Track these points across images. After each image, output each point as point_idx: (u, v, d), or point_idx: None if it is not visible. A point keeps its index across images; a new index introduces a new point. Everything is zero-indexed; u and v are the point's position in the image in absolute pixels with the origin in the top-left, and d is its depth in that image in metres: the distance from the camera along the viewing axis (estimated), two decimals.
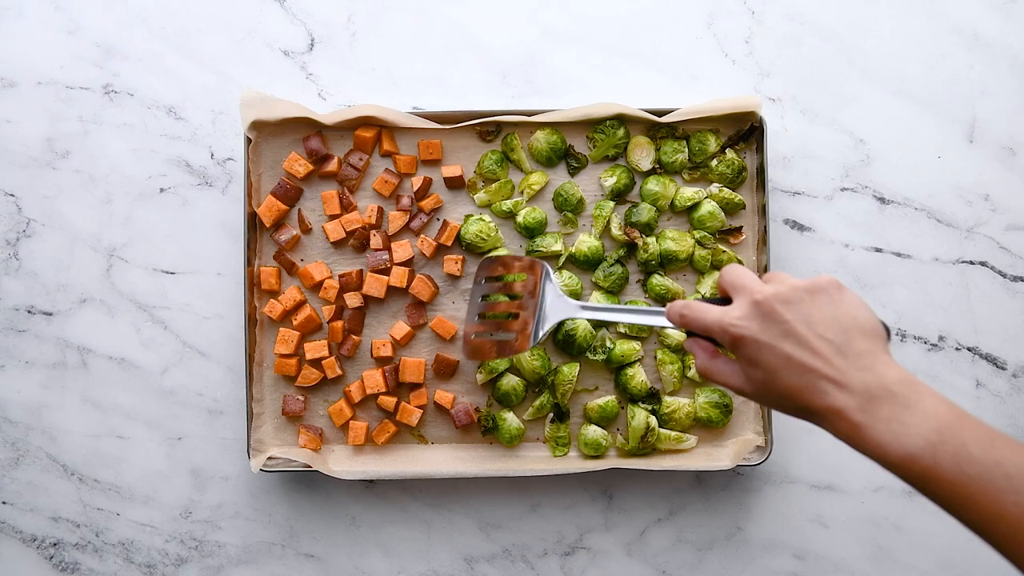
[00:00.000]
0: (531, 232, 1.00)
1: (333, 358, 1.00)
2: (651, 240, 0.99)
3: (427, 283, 0.99)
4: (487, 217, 1.00)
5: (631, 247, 1.01)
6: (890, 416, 0.57)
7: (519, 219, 1.00)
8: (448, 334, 1.00)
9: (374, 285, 0.99)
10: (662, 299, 1.00)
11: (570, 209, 1.00)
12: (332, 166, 1.00)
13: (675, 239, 1.00)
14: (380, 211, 1.00)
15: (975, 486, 0.54)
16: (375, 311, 1.01)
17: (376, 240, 0.99)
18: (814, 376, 0.59)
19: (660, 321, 0.73)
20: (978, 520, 0.54)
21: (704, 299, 0.68)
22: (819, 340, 0.60)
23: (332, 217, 1.00)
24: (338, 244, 1.01)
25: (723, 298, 0.68)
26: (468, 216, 1.01)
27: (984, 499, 0.53)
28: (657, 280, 1.00)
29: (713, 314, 0.65)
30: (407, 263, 1.00)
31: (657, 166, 1.01)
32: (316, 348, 0.99)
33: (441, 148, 1.01)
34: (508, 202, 1.00)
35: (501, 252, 0.99)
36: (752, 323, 0.62)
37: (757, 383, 0.63)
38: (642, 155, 1.01)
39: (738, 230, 1.01)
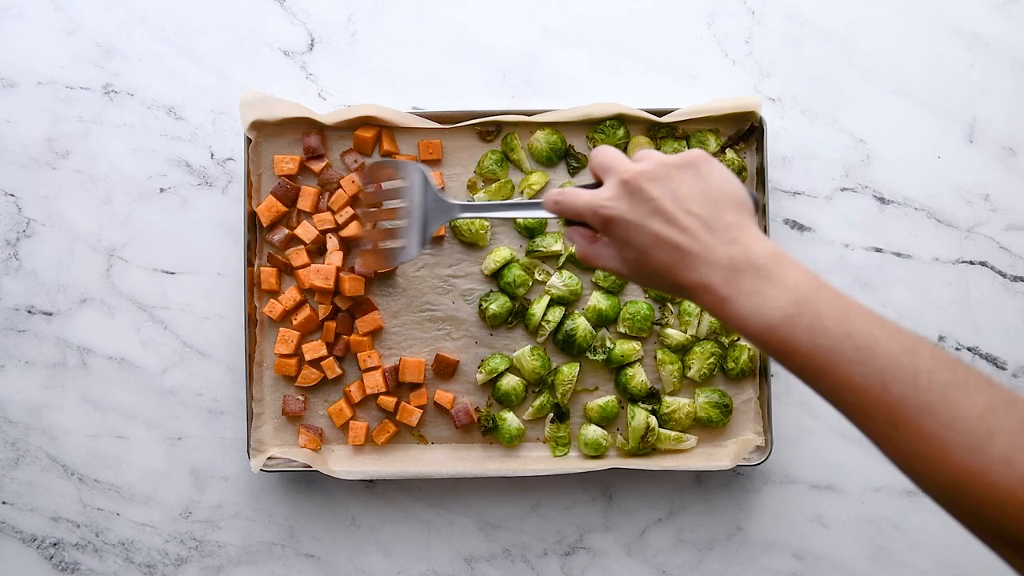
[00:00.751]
0: (531, 232, 1.00)
1: (332, 358, 1.00)
2: None
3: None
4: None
5: None
6: (752, 289, 0.58)
7: (519, 220, 1.00)
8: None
9: (349, 286, 0.99)
10: (662, 298, 1.01)
11: (589, 185, 1.00)
12: (319, 167, 1.00)
13: None
14: (354, 215, 1.00)
15: (827, 357, 0.55)
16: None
17: (333, 243, 0.99)
18: (682, 252, 0.60)
19: (539, 212, 0.74)
20: (828, 389, 0.56)
21: (579, 186, 0.69)
22: (687, 215, 0.60)
23: (310, 215, 1.01)
24: (316, 243, 1.01)
25: (597, 183, 0.68)
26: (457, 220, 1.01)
27: (835, 369, 0.54)
28: None
29: (584, 197, 0.65)
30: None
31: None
32: (314, 348, 0.99)
33: (441, 148, 1.01)
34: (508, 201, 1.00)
35: (378, 159, 0.98)
36: (621, 203, 0.63)
37: (631, 263, 0.64)
38: None
39: None
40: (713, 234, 0.60)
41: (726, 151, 1.00)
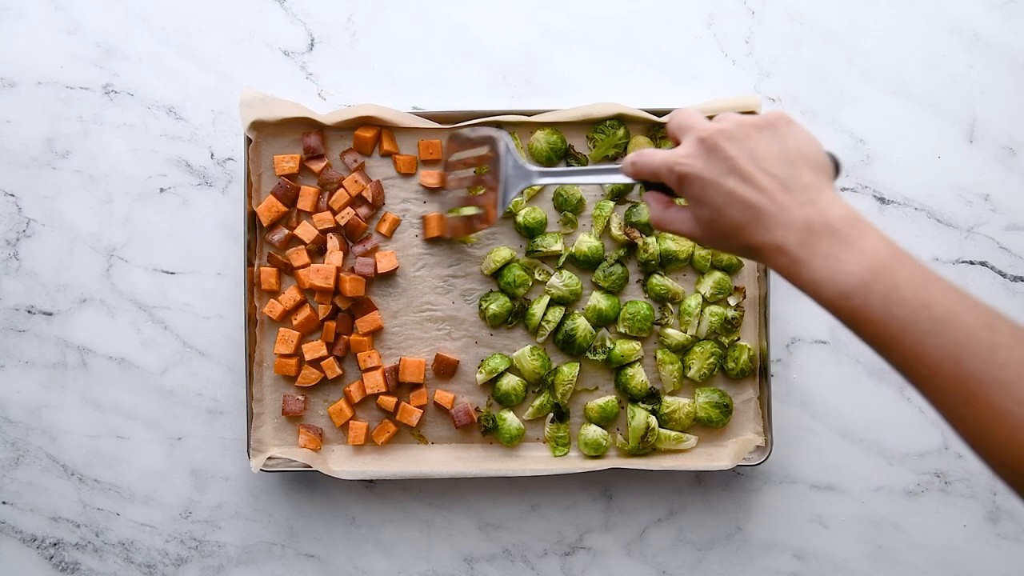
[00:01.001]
0: (531, 232, 1.00)
1: (332, 359, 1.00)
2: (651, 240, 0.99)
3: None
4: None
5: (631, 247, 1.01)
6: (827, 252, 0.57)
7: (519, 219, 1.00)
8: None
9: (350, 286, 0.99)
10: (662, 299, 1.01)
11: (570, 209, 1.00)
12: (319, 167, 1.00)
13: (675, 239, 1.00)
14: (354, 213, 1.00)
15: (901, 327, 0.54)
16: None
17: (333, 242, 0.99)
18: (757, 212, 0.59)
19: (617, 177, 0.73)
20: (900, 360, 0.55)
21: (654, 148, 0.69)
22: (763, 175, 0.59)
23: (310, 215, 1.01)
24: (316, 243, 1.01)
25: (676, 144, 0.67)
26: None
27: (908, 340, 0.54)
28: (657, 280, 1.00)
29: (660, 156, 0.65)
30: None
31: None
32: (314, 348, 0.99)
33: (441, 148, 1.01)
34: None
35: (461, 128, 0.99)
36: (697, 160, 0.62)
37: (704, 223, 0.63)
38: None
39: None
40: (790, 194, 0.59)
41: None
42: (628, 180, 0.71)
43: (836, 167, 0.64)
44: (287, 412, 1.00)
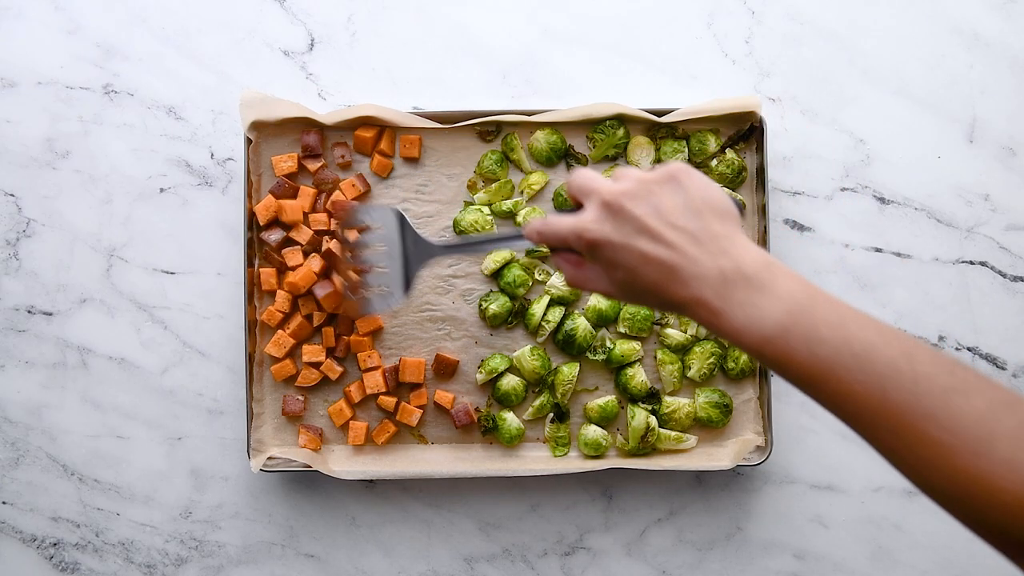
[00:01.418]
0: None
1: (331, 360, 1.00)
2: None
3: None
4: (486, 210, 1.00)
5: None
6: (744, 300, 0.57)
7: (519, 218, 1.00)
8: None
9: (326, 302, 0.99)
10: None
11: (569, 209, 1.00)
12: (315, 166, 1.00)
13: None
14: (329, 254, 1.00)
15: (824, 367, 0.54)
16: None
17: (316, 261, 0.99)
18: (671, 268, 0.59)
19: (521, 244, 0.72)
20: (828, 399, 0.55)
21: (559, 212, 0.67)
22: (672, 230, 0.59)
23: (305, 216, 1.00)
24: (312, 243, 1.00)
25: (578, 206, 0.66)
26: (467, 204, 1.01)
27: (833, 379, 0.54)
28: None
29: (567, 223, 0.64)
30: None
31: (659, 159, 1.01)
32: (313, 352, 0.99)
33: (419, 145, 1.01)
34: (508, 202, 1.00)
35: (351, 204, 0.96)
36: (604, 224, 0.61)
37: (620, 283, 0.62)
38: (642, 155, 1.01)
39: None
40: (701, 247, 0.59)
41: (726, 151, 1.00)
42: (532, 247, 0.70)
43: (741, 211, 0.64)
44: (287, 412, 1.00)
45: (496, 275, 1.01)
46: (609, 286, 0.64)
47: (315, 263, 0.98)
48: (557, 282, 1.00)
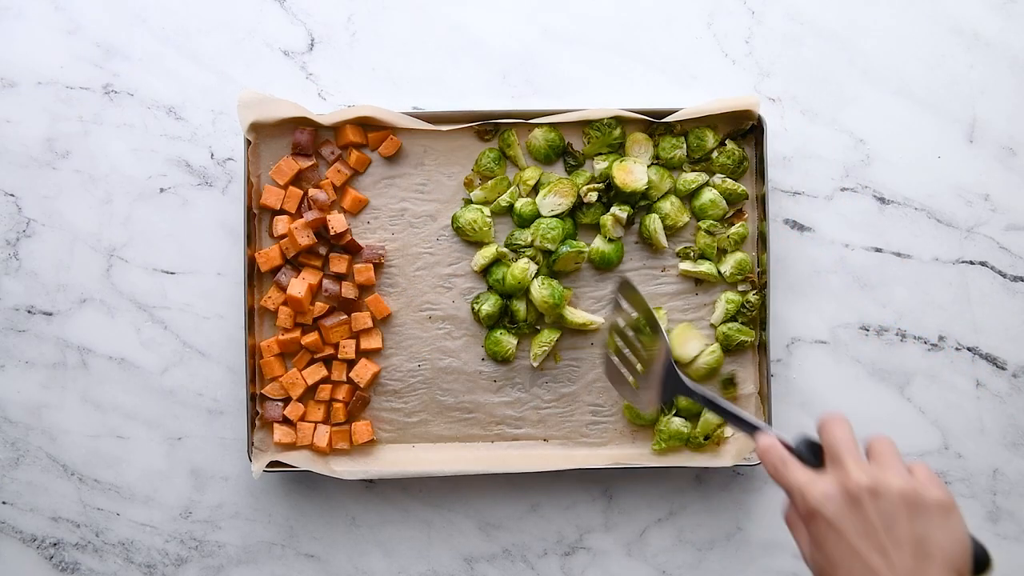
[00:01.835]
0: (525, 223, 1.00)
1: (321, 362, 1.00)
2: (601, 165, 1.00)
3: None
4: (485, 210, 1.00)
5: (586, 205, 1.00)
6: None
7: (516, 207, 1.00)
8: (382, 314, 1.00)
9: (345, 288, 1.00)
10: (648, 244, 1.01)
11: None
12: (305, 164, 0.99)
13: (673, 206, 1.00)
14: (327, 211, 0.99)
15: None
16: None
17: (292, 276, 0.99)
18: None
19: (749, 430, 0.69)
20: None
21: (800, 446, 0.64)
22: (896, 554, 0.56)
23: (293, 216, 1.00)
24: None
25: (816, 445, 0.63)
26: (467, 202, 1.01)
27: None
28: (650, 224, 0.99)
29: (798, 478, 0.61)
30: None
31: (655, 161, 1.01)
32: (313, 372, 1.00)
33: (399, 146, 1.01)
34: (505, 195, 1.00)
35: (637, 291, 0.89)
36: (836, 506, 0.58)
37: (817, 563, 0.59)
38: (640, 151, 1.00)
39: (739, 212, 1.01)
40: None
41: (726, 142, 1.00)
42: (757, 453, 0.68)
43: (980, 563, 0.60)
44: (285, 415, 1.00)
45: (485, 272, 1.01)
46: (805, 553, 0.61)
47: (310, 278, 0.98)
48: (525, 236, 1.00)
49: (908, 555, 0.56)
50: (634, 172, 0.98)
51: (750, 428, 0.69)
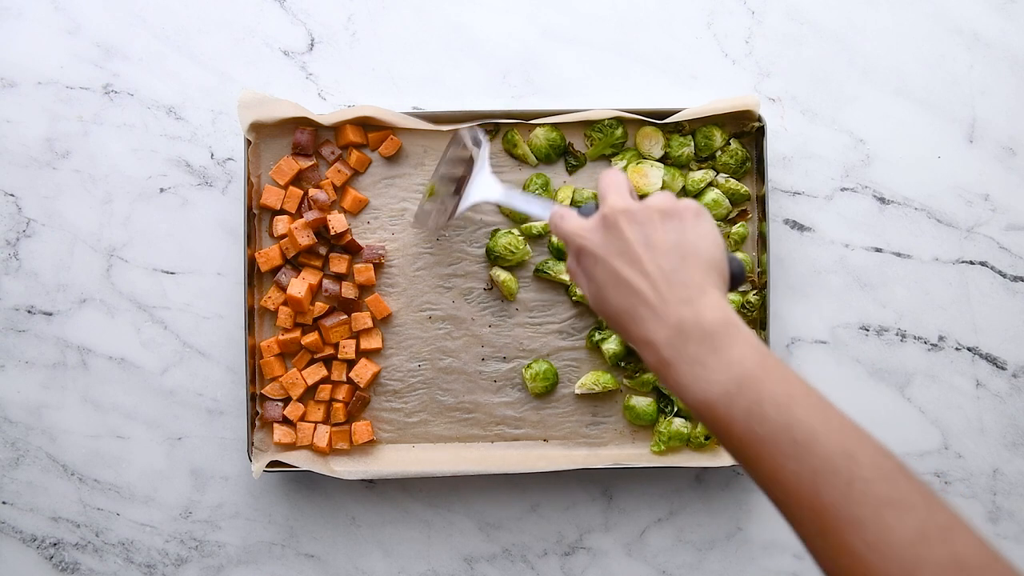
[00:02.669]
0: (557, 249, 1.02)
1: (321, 362, 1.00)
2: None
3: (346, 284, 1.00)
4: (516, 232, 1.00)
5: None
6: (694, 356, 0.55)
7: (554, 240, 1.01)
8: (382, 314, 1.01)
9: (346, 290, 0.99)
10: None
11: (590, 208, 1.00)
12: (305, 164, 0.99)
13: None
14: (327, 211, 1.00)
15: (761, 446, 0.51)
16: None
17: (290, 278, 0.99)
18: (636, 300, 0.58)
19: (542, 220, 0.75)
20: (759, 478, 0.53)
21: (586, 209, 0.67)
22: (652, 263, 0.58)
23: (293, 217, 1.00)
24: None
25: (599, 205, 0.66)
26: (496, 230, 1.01)
27: (768, 461, 0.51)
28: None
29: (571, 225, 0.64)
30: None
31: (665, 159, 1.01)
32: (313, 372, 0.99)
33: (400, 147, 1.01)
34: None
35: (462, 127, 0.97)
36: (595, 235, 0.61)
37: (592, 297, 0.62)
38: (652, 144, 1.00)
39: (743, 212, 1.01)
40: (670, 289, 0.57)
41: (731, 142, 1.00)
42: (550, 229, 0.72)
43: (736, 278, 0.62)
44: (284, 415, 1.00)
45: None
46: (587, 294, 0.64)
47: (310, 278, 0.98)
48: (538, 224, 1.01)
49: (664, 258, 0.58)
50: (649, 176, 0.98)
51: (545, 211, 0.73)
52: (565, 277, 1.00)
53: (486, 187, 0.87)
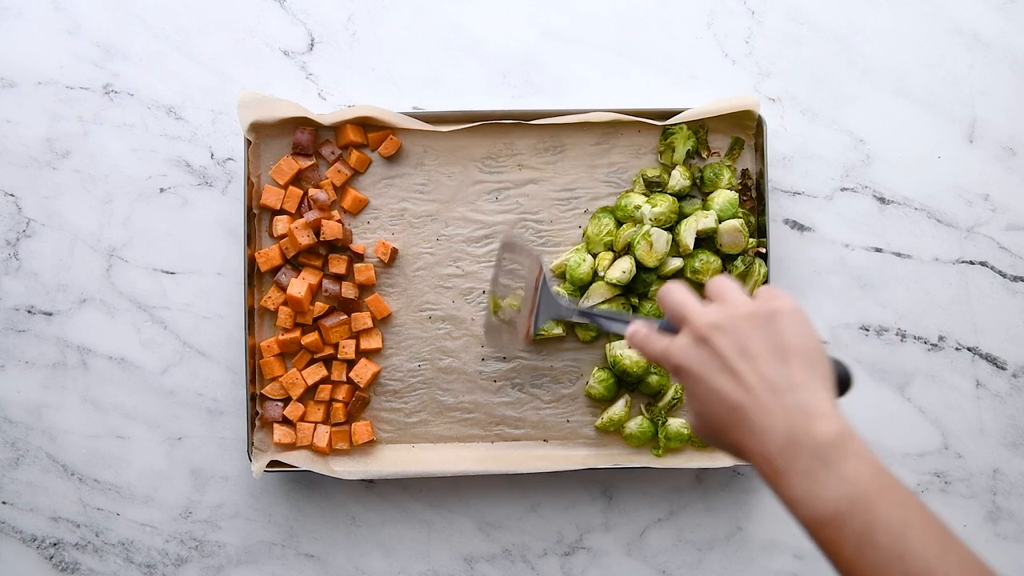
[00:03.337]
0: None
1: (321, 362, 1.00)
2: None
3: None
4: (589, 259, 0.99)
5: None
6: (807, 470, 0.52)
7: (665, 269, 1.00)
8: (381, 314, 1.01)
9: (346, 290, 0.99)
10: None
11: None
12: (305, 164, 0.99)
13: (704, 261, 0.99)
14: (325, 212, 0.99)
15: (870, 573, 0.49)
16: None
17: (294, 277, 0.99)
18: (742, 413, 0.55)
19: (623, 334, 0.71)
20: None
21: (663, 325, 0.65)
22: (753, 375, 0.56)
23: (293, 216, 1.00)
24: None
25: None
26: (576, 250, 1.00)
27: None
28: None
29: (660, 345, 0.62)
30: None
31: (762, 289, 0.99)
32: (313, 372, 0.99)
33: (399, 145, 1.00)
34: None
35: (517, 240, 0.98)
36: (690, 352, 0.59)
37: (696, 415, 0.60)
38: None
39: (758, 246, 1.00)
40: (777, 396, 0.54)
41: (740, 174, 1.01)
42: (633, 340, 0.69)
43: (843, 381, 0.60)
44: (284, 415, 1.00)
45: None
46: (689, 415, 0.61)
47: (310, 278, 0.98)
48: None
49: (765, 366, 0.56)
50: (656, 243, 0.97)
51: (623, 326, 0.70)
52: (558, 331, 1.00)
53: (555, 307, 0.86)
